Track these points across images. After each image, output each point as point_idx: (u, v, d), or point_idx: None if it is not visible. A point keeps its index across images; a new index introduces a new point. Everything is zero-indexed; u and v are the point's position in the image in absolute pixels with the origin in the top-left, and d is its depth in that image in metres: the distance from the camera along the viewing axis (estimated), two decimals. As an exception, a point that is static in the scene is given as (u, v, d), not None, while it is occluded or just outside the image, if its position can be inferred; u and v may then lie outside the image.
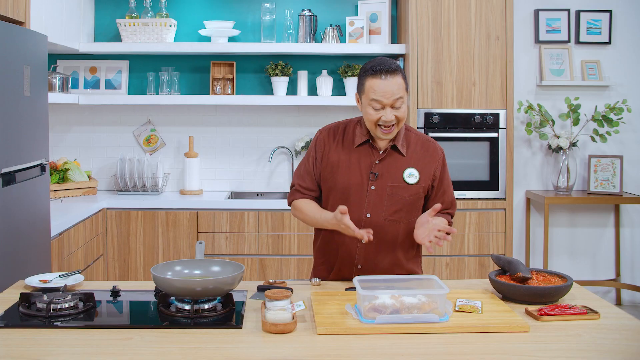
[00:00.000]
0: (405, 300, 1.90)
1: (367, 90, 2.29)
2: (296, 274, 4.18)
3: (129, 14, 4.42)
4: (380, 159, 2.38)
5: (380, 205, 2.36)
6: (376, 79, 2.27)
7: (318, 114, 4.70)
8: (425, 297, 1.92)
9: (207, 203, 4.20)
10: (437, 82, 4.26)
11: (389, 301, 1.89)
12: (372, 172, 2.37)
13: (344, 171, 2.39)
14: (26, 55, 2.85)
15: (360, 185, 2.37)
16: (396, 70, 2.28)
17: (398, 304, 1.88)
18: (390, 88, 2.26)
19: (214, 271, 2.15)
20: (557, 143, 4.58)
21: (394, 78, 2.27)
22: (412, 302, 1.89)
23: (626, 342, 1.77)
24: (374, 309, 1.88)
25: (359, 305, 1.93)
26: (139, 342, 1.75)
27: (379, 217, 2.36)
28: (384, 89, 2.26)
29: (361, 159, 2.39)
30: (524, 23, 4.73)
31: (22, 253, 2.79)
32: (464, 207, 4.22)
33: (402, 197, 2.36)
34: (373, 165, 2.38)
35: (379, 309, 1.87)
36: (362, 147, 2.40)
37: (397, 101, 2.27)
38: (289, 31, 4.52)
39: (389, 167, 2.38)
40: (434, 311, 1.89)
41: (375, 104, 2.28)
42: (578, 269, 4.82)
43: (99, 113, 4.67)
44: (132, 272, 4.14)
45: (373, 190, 2.37)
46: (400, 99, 2.27)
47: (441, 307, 1.91)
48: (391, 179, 2.37)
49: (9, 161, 2.67)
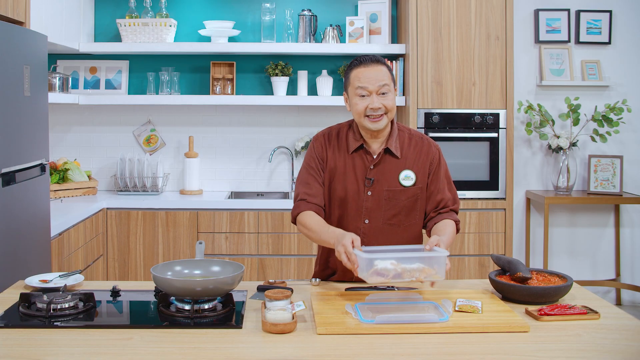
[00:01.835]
0: (406, 265, 1.97)
1: (353, 81, 2.29)
2: (296, 274, 4.18)
3: (129, 14, 4.42)
4: (374, 164, 2.34)
5: (377, 210, 2.34)
6: (360, 68, 2.28)
7: (318, 114, 4.70)
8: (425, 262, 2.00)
9: (207, 203, 4.20)
10: (437, 82, 4.26)
11: (390, 266, 1.96)
12: (367, 178, 2.34)
13: (340, 178, 2.36)
14: (26, 55, 2.85)
15: (356, 192, 2.34)
16: (379, 61, 2.29)
17: (399, 269, 1.96)
18: (375, 74, 2.26)
19: (214, 271, 2.15)
20: (557, 143, 4.58)
21: (379, 66, 2.28)
22: (413, 267, 1.97)
23: (626, 342, 1.77)
24: (377, 273, 1.96)
25: (361, 270, 1.99)
26: (139, 342, 1.75)
27: (377, 223, 2.35)
28: (368, 75, 2.26)
29: (356, 165, 2.35)
30: (524, 23, 4.73)
31: (22, 253, 2.79)
32: (464, 207, 4.22)
33: (400, 201, 2.34)
34: (368, 170, 2.35)
35: (382, 273, 1.96)
36: (356, 153, 2.37)
37: (383, 87, 2.25)
38: (289, 31, 4.52)
39: (384, 172, 2.34)
40: (433, 276, 1.98)
41: (361, 91, 2.26)
42: (578, 269, 4.82)
43: (99, 113, 4.67)
44: (132, 272, 4.14)
45: (370, 196, 2.34)
46: (387, 85, 2.26)
47: (440, 272, 1.99)
48: (387, 183, 2.34)
49: (9, 161, 2.67)
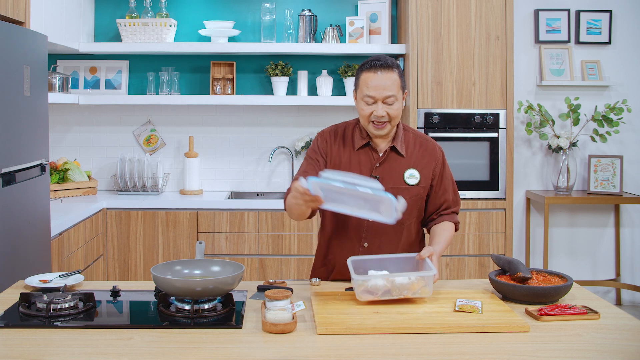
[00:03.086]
0: (396, 280, 2.02)
1: (361, 85, 2.31)
2: (296, 274, 4.18)
3: (129, 14, 4.42)
4: (380, 161, 2.37)
5: None
6: (370, 73, 2.28)
7: (318, 114, 4.70)
8: (415, 277, 2.05)
9: (207, 203, 4.20)
10: (437, 82, 4.26)
11: (380, 282, 2.01)
12: (372, 176, 2.36)
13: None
14: (26, 55, 2.85)
15: None
16: (392, 66, 2.28)
17: (389, 285, 2.02)
18: (383, 83, 2.26)
19: (214, 271, 2.15)
20: (557, 143, 4.58)
21: (389, 74, 2.27)
22: (402, 282, 2.02)
23: (626, 342, 1.77)
24: (367, 291, 2.02)
25: (354, 287, 2.05)
26: (139, 342, 1.75)
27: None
28: (377, 84, 2.26)
29: (361, 162, 2.38)
30: (524, 23, 4.73)
31: (22, 253, 2.79)
32: (464, 207, 4.22)
33: (404, 199, 2.36)
34: (373, 168, 2.38)
35: (372, 291, 2.01)
36: (362, 150, 2.39)
37: (389, 98, 2.26)
38: (289, 31, 4.52)
39: (389, 169, 2.37)
40: (422, 289, 2.04)
41: (368, 99, 2.28)
42: (578, 269, 4.82)
43: (99, 113, 4.67)
44: (132, 272, 4.14)
45: None
46: (393, 96, 2.27)
47: (429, 286, 2.04)
48: (392, 181, 2.36)
49: (9, 161, 2.67)
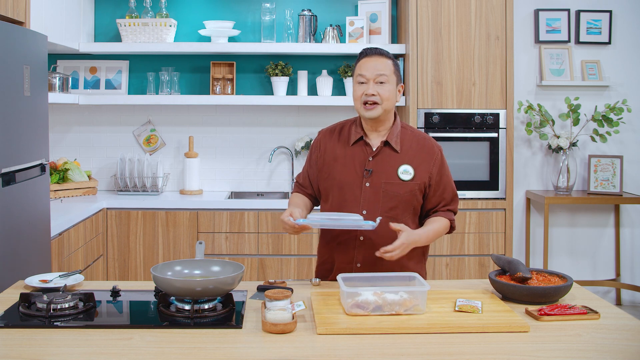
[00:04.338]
0: (388, 297, 1.95)
1: (356, 70, 2.43)
2: (296, 274, 4.18)
3: (129, 14, 4.42)
4: (373, 155, 2.41)
5: (375, 202, 2.38)
6: (364, 58, 2.42)
7: (318, 114, 4.70)
8: (407, 294, 1.97)
9: (207, 203, 4.20)
10: (437, 82, 4.26)
11: (371, 298, 1.94)
12: (365, 169, 2.40)
13: (340, 168, 2.43)
14: (26, 55, 2.85)
15: (355, 182, 2.40)
16: (385, 54, 2.42)
17: (380, 301, 1.94)
18: (375, 64, 2.38)
19: (214, 271, 2.15)
20: (557, 143, 4.58)
21: (382, 59, 2.39)
22: (394, 299, 1.95)
23: (626, 342, 1.78)
24: (357, 305, 1.94)
25: (342, 300, 1.97)
26: (139, 342, 1.75)
27: (375, 214, 2.37)
28: (369, 65, 2.38)
29: (355, 156, 2.43)
30: (524, 23, 4.73)
31: (22, 253, 2.79)
32: (464, 207, 4.22)
33: (397, 194, 2.38)
34: (366, 162, 2.41)
35: (362, 306, 1.93)
36: (356, 144, 2.45)
37: (380, 77, 2.36)
38: (289, 31, 4.52)
39: (382, 164, 2.40)
40: (415, 307, 1.95)
41: (360, 77, 2.39)
42: (578, 269, 4.82)
43: (99, 113, 4.67)
44: (132, 272, 4.14)
45: (368, 187, 2.39)
46: (384, 76, 2.36)
47: (422, 304, 1.96)
48: (385, 175, 2.39)
49: (9, 161, 2.67)
